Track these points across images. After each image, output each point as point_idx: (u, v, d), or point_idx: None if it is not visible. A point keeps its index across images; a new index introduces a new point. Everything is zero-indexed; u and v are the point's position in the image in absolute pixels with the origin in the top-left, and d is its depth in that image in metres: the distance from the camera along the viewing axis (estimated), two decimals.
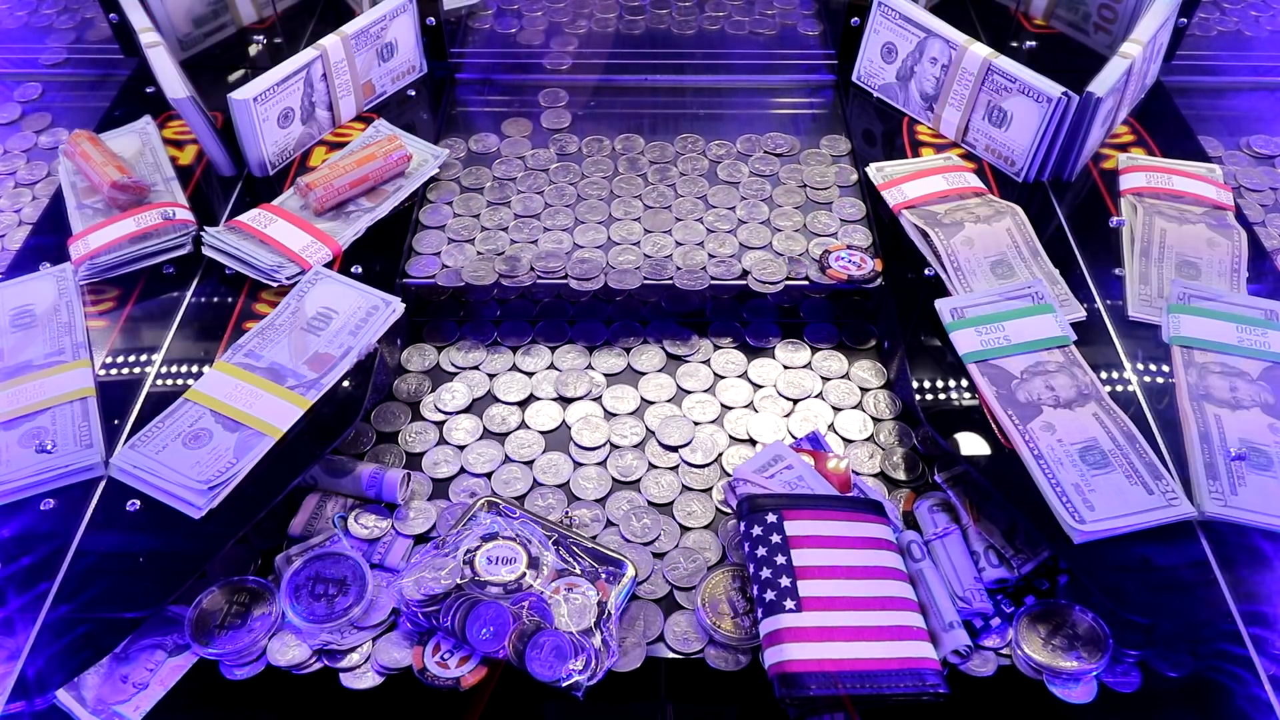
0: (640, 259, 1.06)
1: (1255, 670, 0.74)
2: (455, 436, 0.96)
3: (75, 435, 0.85)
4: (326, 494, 0.90)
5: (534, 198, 1.14)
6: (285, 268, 0.99)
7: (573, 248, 1.07)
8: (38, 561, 0.78)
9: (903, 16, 1.19)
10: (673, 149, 1.21)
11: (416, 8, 1.24)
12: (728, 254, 1.06)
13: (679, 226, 1.10)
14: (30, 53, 1.39)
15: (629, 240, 1.08)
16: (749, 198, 1.14)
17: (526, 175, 1.17)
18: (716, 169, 1.18)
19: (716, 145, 1.21)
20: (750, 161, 1.19)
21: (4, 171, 1.21)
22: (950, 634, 0.78)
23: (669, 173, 1.18)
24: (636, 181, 1.16)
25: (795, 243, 1.08)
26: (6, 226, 1.13)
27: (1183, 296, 0.97)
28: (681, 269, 1.04)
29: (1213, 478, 0.82)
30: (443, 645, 0.78)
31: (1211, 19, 1.45)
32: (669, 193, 1.15)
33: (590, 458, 0.94)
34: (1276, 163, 1.23)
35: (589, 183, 1.16)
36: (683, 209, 1.12)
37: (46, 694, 0.75)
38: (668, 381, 1.01)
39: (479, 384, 1.01)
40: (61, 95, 1.33)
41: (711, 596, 0.81)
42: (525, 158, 1.20)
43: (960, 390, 0.91)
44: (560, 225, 1.10)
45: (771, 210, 1.12)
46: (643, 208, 1.13)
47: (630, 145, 1.22)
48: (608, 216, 1.11)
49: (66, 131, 1.25)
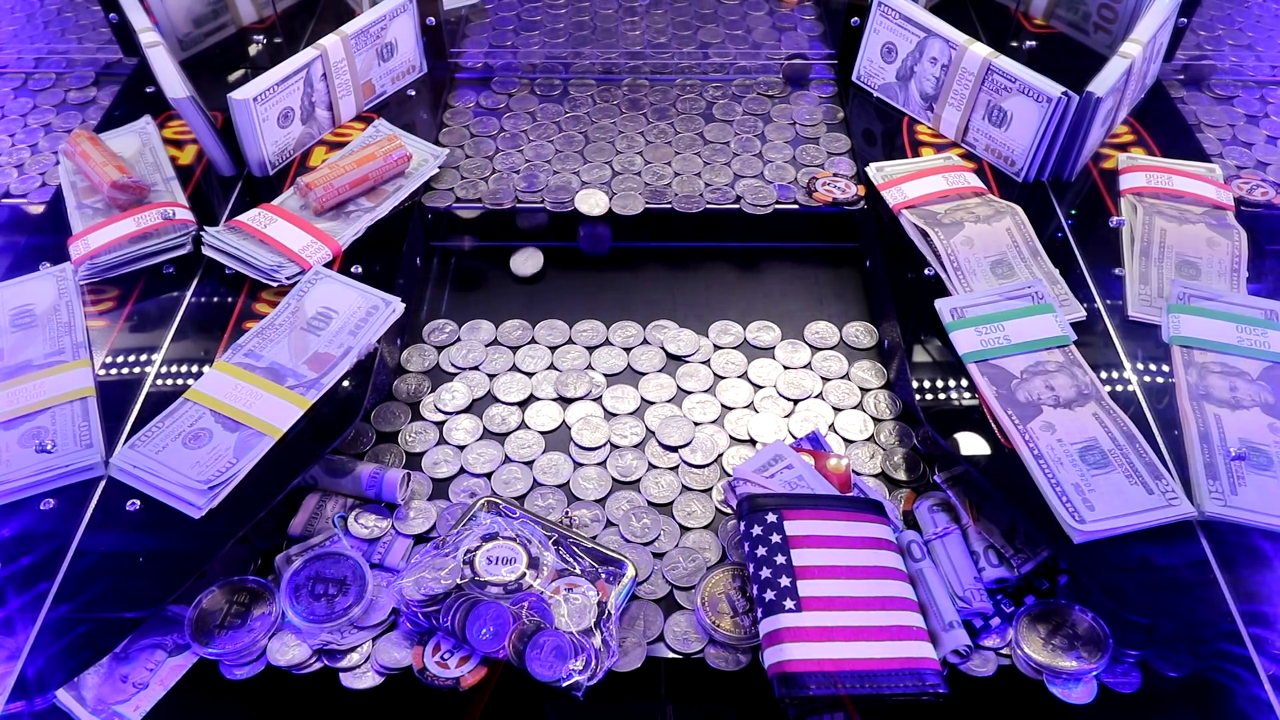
0: (641, 186, 1.15)
1: (1255, 670, 0.74)
2: (455, 436, 0.96)
3: (75, 435, 0.85)
4: (326, 494, 0.90)
5: (545, 144, 1.22)
6: (285, 268, 0.99)
7: (580, 184, 1.16)
8: (38, 561, 0.78)
9: (903, 16, 1.19)
10: (673, 91, 1.31)
11: (416, 8, 1.24)
12: (723, 182, 1.16)
13: (678, 159, 1.19)
14: (30, 53, 1.39)
15: (630, 170, 1.17)
16: (742, 134, 1.24)
17: (535, 126, 1.25)
18: (713, 109, 1.28)
19: (713, 88, 1.31)
20: (744, 102, 1.29)
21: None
22: (950, 634, 0.78)
23: (668, 113, 1.27)
24: (638, 119, 1.26)
25: (785, 172, 1.18)
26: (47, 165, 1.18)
27: (1183, 296, 0.97)
28: (679, 194, 1.14)
29: (1213, 478, 0.82)
30: (443, 645, 0.78)
31: (1211, 19, 1.45)
32: (668, 130, 1.24)
33: (590, 458, 0.94)
34: (1234, 102, 1.30)
35: (596, 128, 1.25)
36: (681, 144, 1.22)
37: (46, 694, 0.75)
38: (668, 381, 1.01)
39: (479, 384, 1.01)
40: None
41: (711, 596, 0.81)
42: (535, 112, 1.28)
43: (960, 390, 0.91)
44: (569, 167, 1.18)
45: (763, 145, 1.22)
46: (644, 143, 1.22)
47: (635, 89, 1.31)
48: (613, 154, 1.20)
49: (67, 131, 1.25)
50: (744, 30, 1.41)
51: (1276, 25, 1.43)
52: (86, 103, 1.30)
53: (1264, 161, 1.20)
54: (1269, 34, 1.41)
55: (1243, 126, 1.26)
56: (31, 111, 1.30)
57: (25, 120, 1.28)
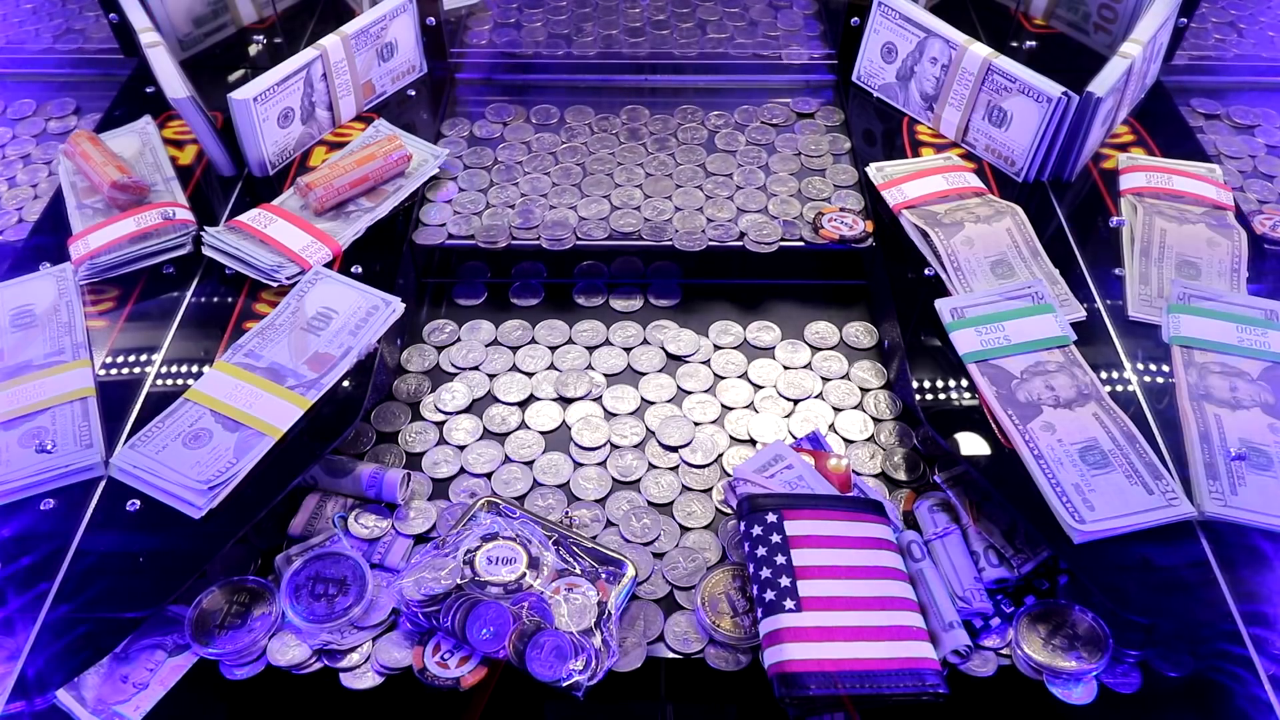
0: (640, 223, 1.10)
1: (1255, 670, 0.74)
2: (455, 436, 0.96)
3: (75, 435, 0.85)
4: (326, 494, 0.90)
5: (540, 178, 1.17)
6: (285, 268, 0.99)
7: (578, 220, 1.11)
8: (38, 561, 0.78)
9: (903, 16, 1.19)
10: (674, 120, 1.26)
11: (416, 8, 1.24)
12: (726, 218, 1.11)
13: (679, 193, 1.15)
14: (29, 52, 1.39)
15: (630, 205, 1.13)
16: (745, 165, 1.19)
17: (531, 158, 1.20)
18: (715, 139, 1.23)
19: (715, 116, 1.27)
20: (747, 131, 1.24)
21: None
22: (950, 634, 0.78)
23: (669, 143, 1.22)
24: (638, 150, 1.21)
25: (790, 207, 1.13)
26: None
27: (1183, 296, 0.97)
28: (680, 231, 1.09)
29: (1213, 478, 0.82)
30: (443, 645, 0.78)
31: (1211, 18, 1.45)
32: (669, 161, 1.20)
33: (590, 458, 0.94)
34: (1255, 132, 1.26)
35: (594, 159, 1.20)
36: (682, 176, 1.17)
37: (46, 694, 0.75)
38: (668, 381, 1.01)
39: (479, 384, 1.01)
40: (61, 95, 1.33)
41: (711, 596, 0.81)
42: (530, 142, 1.23)
43: (960, 390, 0.91)
44: (566, 203, 1.13)
45: (768, 177, 1.17)
46: (644, 175, 1.18)
47: (635, 115, 1.27)
48: (612, 188, 1.16)
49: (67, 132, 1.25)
50: (746, 23, 1.42)
51: None
52: (65, 132, 1.26)
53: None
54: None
55: (1264, 158, 1.21)
56: (10, 142, 1.26)
57: (3, 151, 1.25)
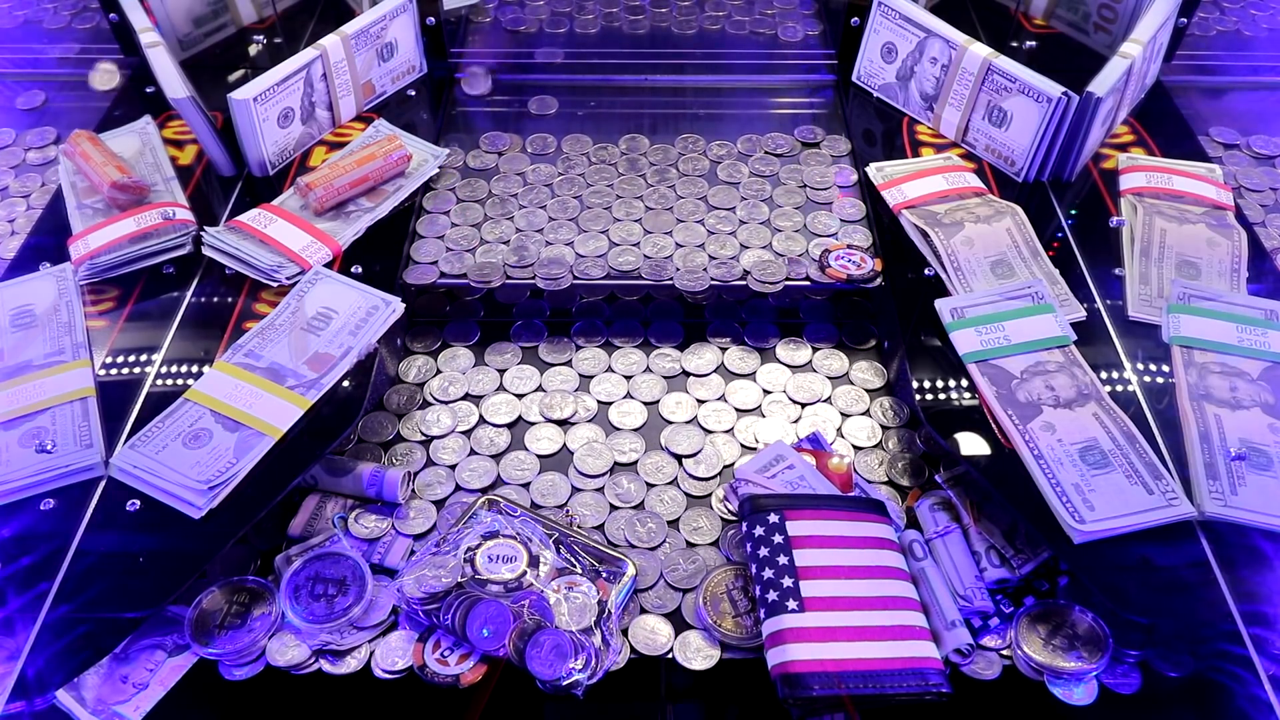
0: (640, 260, 1.06)
1: (1255, 670, 0.74)
2: (443, 457, 0.94)
3: (75, 435, 0.85)
4: (326, 494, 0.90)
5: (536, 212, 1.12)
6: (285, 268, 0.99)
7: (575, 258, 1.06)
8: (38, 561, 0.78)
9: (903, 16, 1.19)
10: (674, 150, 1.21)
11: (416, 8, 1.24)
12: (728, 255, 1.06)
13: (680, 228, 1.10)
14: (30, 52, 1.38)
15: (629, 241, 1.08)
16: (749, 198, 1.14)
17: (527, 190, 1.15)
18: (717, 169, 1.18)
19: (717, 145, 1.21)
20: (750, 162, 1.19)
21: (4, 170, 1.21)
22: (952, 632, 0.78)
23: (669, 174, 1.18)
24: (638, 182, 1.16)
25: (795, 243, 1.08)
26: (1, 235, 1.11)
27: (1183, 296, 0.97)
28: (681, 270, 1.04)
29: (1213, 478, 0.82)
30: (443, 643, 0.78)
31: (1211, 19, 1.45)
32: (669, 194, 1.15)
33: (593, 470, 0.93)
34: (1277, 163, 1.22)
35: (593, 191, 1.15)
36: (684, 210, 1.12)
37: (46, 694, 0.75)
38: (679, 396, 0.99)
39: (479, 382, 1.01)
40: (61, 95, 1.33)
41: (713, 595, 0.81)
42: (525, 173, 1.18)
43: (960, 390, 0.91)
44: (562, 239, 1.08)
45: (771, 211, 1.12)
46: (644, 209, 1.13)
47: (634, 145, 1.22)
48: (610, 221, 1.11)
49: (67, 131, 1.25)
50: (748, 17, 1.42)
51: None
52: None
53: None
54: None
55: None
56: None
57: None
